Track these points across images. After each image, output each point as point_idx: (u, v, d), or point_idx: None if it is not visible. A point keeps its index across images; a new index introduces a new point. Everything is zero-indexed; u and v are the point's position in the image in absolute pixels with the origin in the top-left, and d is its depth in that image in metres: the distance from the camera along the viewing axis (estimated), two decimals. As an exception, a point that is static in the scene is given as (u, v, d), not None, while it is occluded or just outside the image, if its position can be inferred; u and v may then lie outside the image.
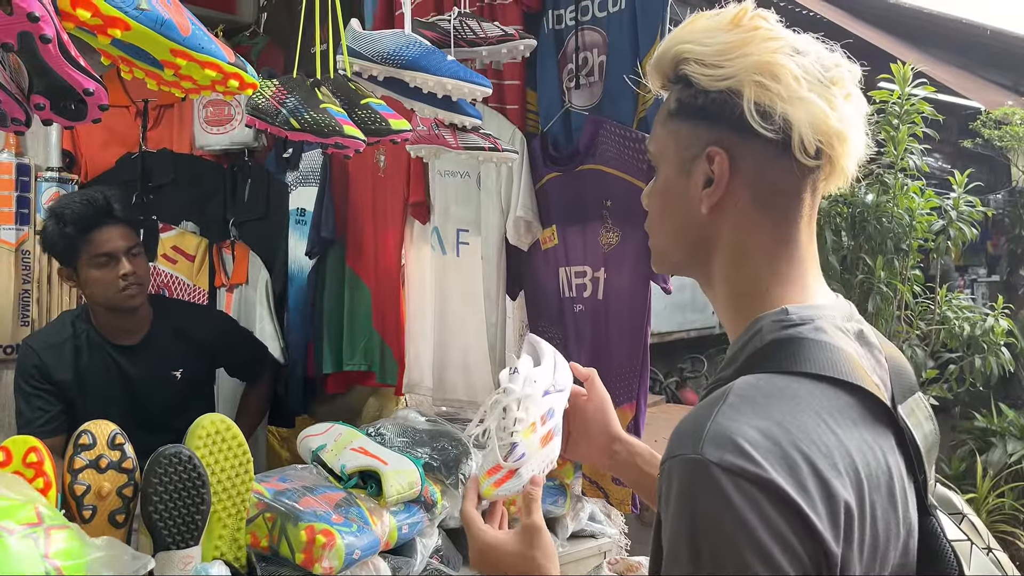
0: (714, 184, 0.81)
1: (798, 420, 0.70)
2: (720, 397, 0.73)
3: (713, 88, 0.79)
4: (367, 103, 1.57)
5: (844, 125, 0.79)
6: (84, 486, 1.32)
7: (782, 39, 0.80)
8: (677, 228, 0.86)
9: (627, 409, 1.84)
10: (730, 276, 0.84)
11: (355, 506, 1.55)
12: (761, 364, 0.76)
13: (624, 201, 1.85)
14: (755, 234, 0.82)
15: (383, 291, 2.43)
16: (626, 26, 1.85)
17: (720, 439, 0.68)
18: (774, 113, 0.77)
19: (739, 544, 0.65)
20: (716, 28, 0.80)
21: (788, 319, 0.78)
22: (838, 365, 0.75)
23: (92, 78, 1.25)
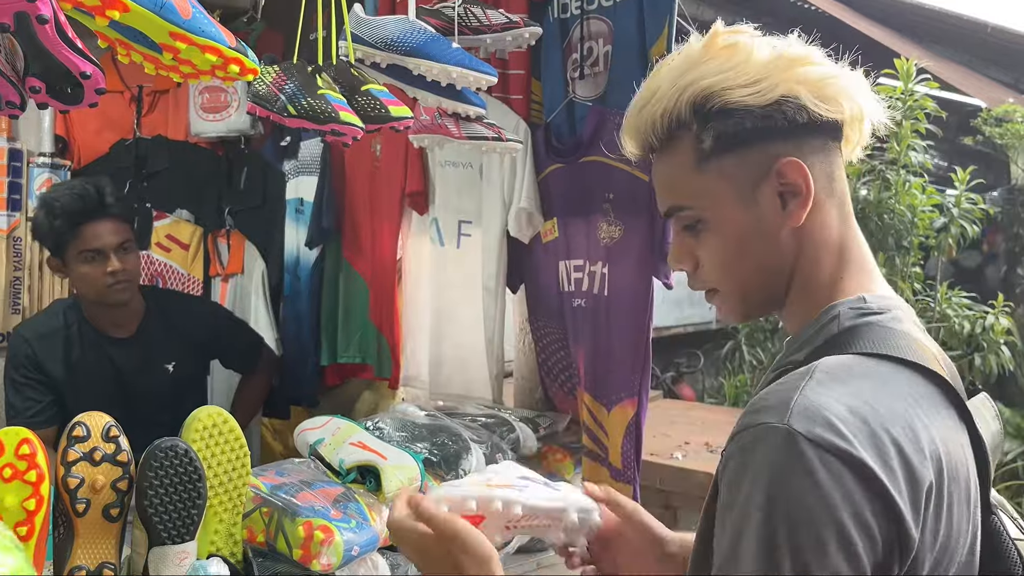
0: (802, 194, 0.81)
1: (886, 401, 0.70)
2: (805, 374, 0.73)
3: (763, 103, 0.79)
4: (367, 90, 1.54)
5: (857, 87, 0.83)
6: (78, 479, 1.29)
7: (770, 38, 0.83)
8: (760, 261, 0.84)
9: (628, 405, 1.82)
10: (809, 276, 0.83)
11: (354, 501, 1.52)
12: (841, 348, 0.76)
13: (627, 194, 1.82)
14: (828, 227, 0.83)
15: (380, 283, 2.40)
16: (633, 16, 1.82)
17: (809, 412, 0.68)
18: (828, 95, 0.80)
19: (819, 520, 0.65)
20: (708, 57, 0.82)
21: (866, 307, 0.79)
22: (918, 353, 0.76)
23: (90, 61, 1.21)
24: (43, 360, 2.04)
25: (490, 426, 1.87)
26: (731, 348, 5.06)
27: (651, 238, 1.77)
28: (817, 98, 0.79)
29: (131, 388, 2.10)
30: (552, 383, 2.13)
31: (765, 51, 0.81)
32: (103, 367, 2.09)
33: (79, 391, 2.05)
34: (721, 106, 0.80)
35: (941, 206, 3.78)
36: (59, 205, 1.96)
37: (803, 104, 0.79)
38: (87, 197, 1.98)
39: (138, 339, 2.13)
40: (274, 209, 2.72)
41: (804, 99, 0.79)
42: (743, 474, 0.69)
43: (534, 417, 1.99)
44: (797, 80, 0.79)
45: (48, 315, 2.16)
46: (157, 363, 2.14)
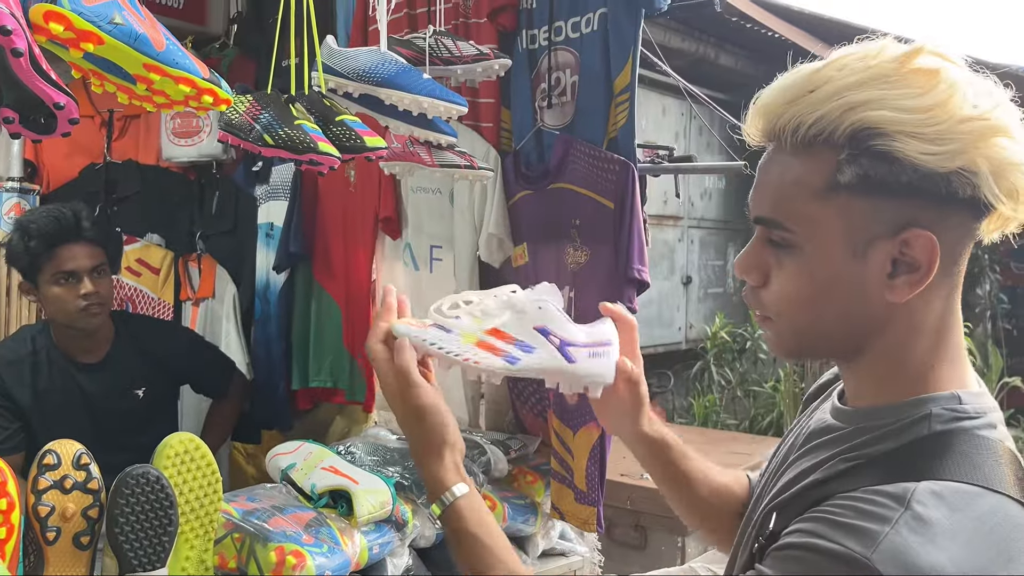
0: (920, 273, 0.71)
1: (988, 549, 0.64)
2: (899, 501, 0.65)
3: (940, 167, 0.68)
4: (342, 120, 1.57)
5: None
6: (48, 507, 1.29)
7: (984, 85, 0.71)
8: (837, 315, 0.75)
9: (593, 427, 1.85)
10: (895, 353, 0.75)
11: (326, 526, 1.54)
12: (933, 463, 0.69)
13: (592, 220, 1.86)
14: (931, 310, 0.74)
15: (354, 308, 2.42)
16: (598, 47, 1.86)
17: (902, 557, 0.62)
18: (1010, 183, 0.69)
19: None
20: (897, 77, 0.70)
21: (961, 410, 0.73)
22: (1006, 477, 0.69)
23: (63, 92, 1.23)
24: (10, 387, 2.03)
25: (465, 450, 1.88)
26: (700, 368, 5.13)
27: (615, 263, 1.81)
28: (996, 183, 0.69)
29: (100, 414, 2.10)
30: (522, 406, 2.15)
31: (967, 103, 0.69)
32: (71, 393, 2.08)
33: (47, 417, 2.04)
34: (887, 150, 0.69)
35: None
36: (35, 227, 1.97)
37: (977, 184, 0.69)
38: (63, 220, 1.99)
39: (107, 364, 2.12)
40: (245, 233, 2.73)
41: (981, 179, 0.68)
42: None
43: (505, 440, 2.01)
44: (986, 155, 0.68)
45: (15, 341, 2.15)
46: (127, 389, 2.14)
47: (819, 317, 0.76)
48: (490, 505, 1.83)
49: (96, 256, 2.03)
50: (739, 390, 4.93)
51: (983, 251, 6.10)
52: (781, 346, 0.81)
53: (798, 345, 0.80)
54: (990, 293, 6.07)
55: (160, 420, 2.19)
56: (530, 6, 2.00)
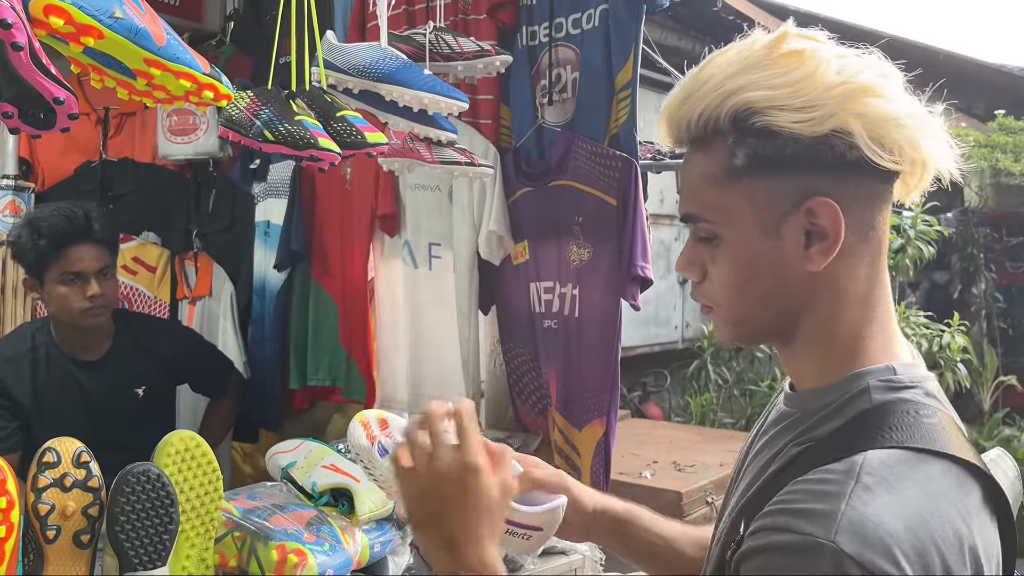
0: (829, 240, 0.74)
1: (934, 508, 0.65)
2: (849, 476, 0.66)
3: (811, 133, 0.71)
4: (343, 115, 1.56)
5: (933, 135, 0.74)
6: (48, 506, 1.28)
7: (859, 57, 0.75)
8: (768, 294, 0.78)
9: (597, 425, 1.85)
10: (826, 326, 0.77)
11: (327, 524, 1.52)
12: (877, 433, 0.70)
13: (595, 217, 1.85)
14: (855, 278, 0.76)
15: (350, 306, 2.41)
16: (599, 44, 1.86)
17: (859, 529, 0.63)
18: (888, 139, 0.72)
19: None
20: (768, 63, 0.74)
21: (897, 380, 0.74)
22: (951, 439, 0.71)
23: (63, 86, 1.22)
24: (9, 385, 2.01)
25: (461, 447, 1.88)
26: (697, 367, 5.12)
27: (619, 260, 1.81)
28: (874, 140, 0.71)
29: (99, 412, 2.08)
30: (523, 404, 2.15)
31: (831, 72, 0.72)
32: (70, 391, 2.07)
33: (45, 415, 2.02)
34: (764, 125, 0.72)
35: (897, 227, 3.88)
36: (45, 226, 1.96)
37: (855, 143, 0.71)
38: (74, 220, 1.98)
39: (107, 362, 2.11)
40: (242, 232, 2.72)
41: (857, 138, 0.71)
42: None
43: (505, 438, 2.01)
44: (857, 114, 0.71)
45: (15, 337, 2.14)
46: (126, 387, 2.12)
47: (750, 300, 0.79)
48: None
49: (103, 258, 2.02)
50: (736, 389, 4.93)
51: (979, 250, 6.13)
52: (725, 333, 0.84)
53: (738, 331, 0.83)
54: (985, 292, 6.09)
55: (158, 418, 2.17)
56: (530, 2, 2.00)
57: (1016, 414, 5.13)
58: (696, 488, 2.64)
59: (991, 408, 5.31)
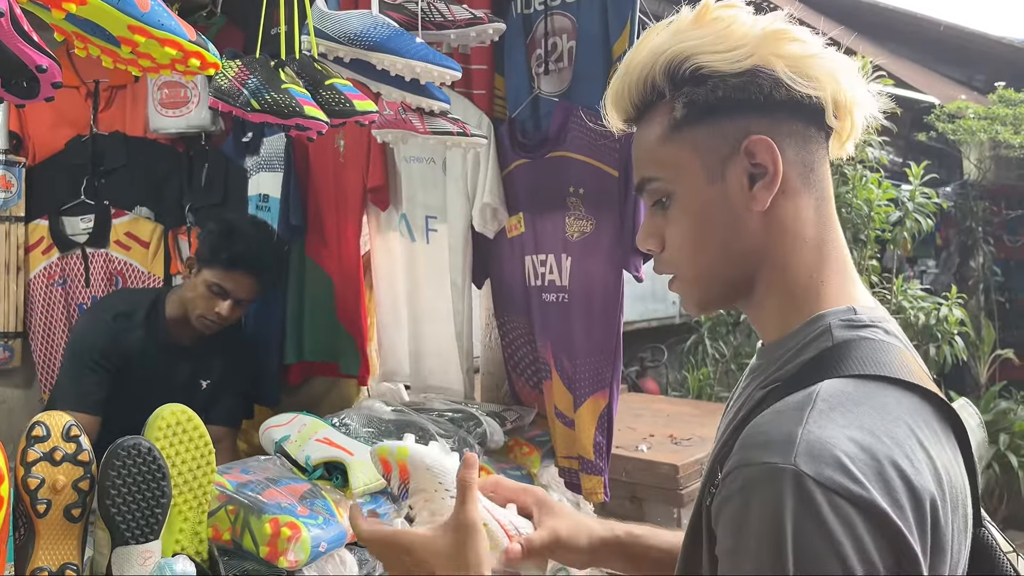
0: (769, 175, 0.76)
1: (891, 430, 0.67)
2: (806, 403, 0.68)
3: (736, 70, 0.76)
4: (331, 84, 1.53)
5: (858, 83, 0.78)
6: (38, 480, 1.27)
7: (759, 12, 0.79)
8: (722, 243, 0.79)
9: (600, 397, 1.84)
10: (782, 272, 0.79)
11: (320, 498, 1.52)
12: (835, 366, 0.72)
13: (596, 188, 1.83)
14: (804, 219, 0.78)
15: (346, 280, 2.39)
16: (596, 11, 1.83)
17: (816, 450, 0.64)
18: (807, 75, 0.75)
19: (826, 562, 0.62)
20: (694, 27, 0.78)
21: (857, 319, 0.75)
22: (915, 373, 0.73)
23: (45, 54, 1.19)
24: (123, 344, 2.08)
25: (457, 420, 1.87)
26: (694, 342, 5.12)
27: (621, 232, 1.78)
28: (794, 73, 0.75)
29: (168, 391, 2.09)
30: (518, 378, 2.14)
31: (750, 21, 0.77)
32: (157, 367, 2.13)
33: (130, 382, 2.09)
34: (694, 70, 0.77)
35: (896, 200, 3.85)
36: (241, 246, 2.06)
37: (779, 78, 0.75)
38: (262, 255, 2.11)
39: (192, 350, 2.19)
40: (235, 206, 2.69)
41: (780, 72, 0.75)
42: (747, 517, 0.66)
43: (501, 411, 2.00)
44: (775, 52, 0.75)
45: (133, 300, 2.21)
46: (195, 377, 2.19)
47: (707, 253, 0.80)
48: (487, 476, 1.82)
49: (252, 292, 2.11)
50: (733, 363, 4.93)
51: (977, 223, 6.10)
52: (691, 299, 0.85)
53: (700, 290, 0.83)
54: (983, 266, 6.07)
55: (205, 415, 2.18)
56: (524, -30, 1.96)
57: (1013, 387, 5.13)
58: (692, 461, 2.64)
59: (988, 381, 5.31)
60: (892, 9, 6.61)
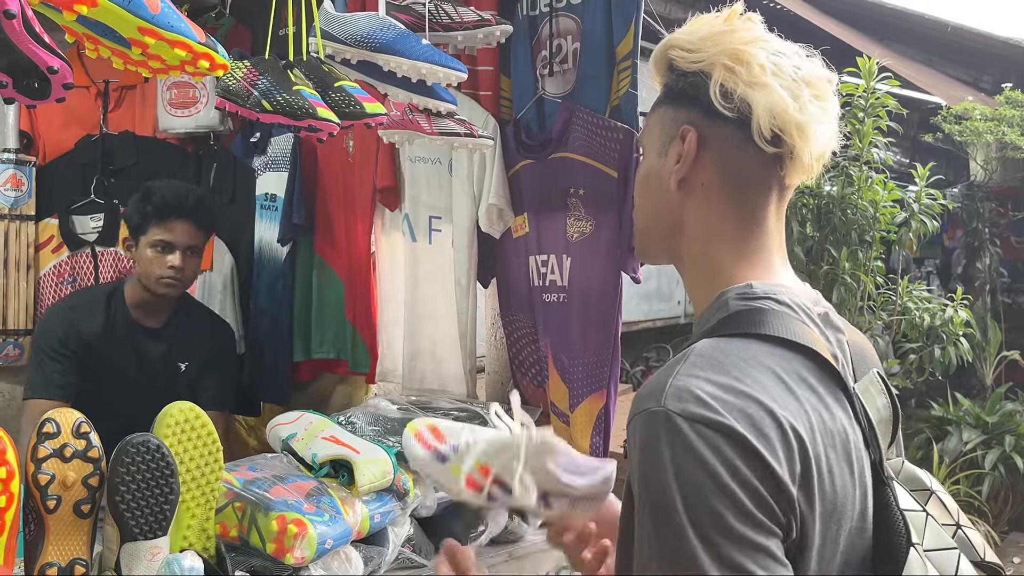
0: (681, 159, 0.86)
1: (754, 376, 0.73)
2: (680, 359, 0.76)
3: (688, 70, 0.85)
4: (341, 86, 1.55)
5: (806, 118, 0.82)
6: (48, 476, 1.28)
7: (760, 36, 0.85)
8: (654, 208, 0.91)
9: (597, 398, 1.85)
10: (697, 257, 0.88)
11: (327, 495, 1.53)
12: (722, 332, 0.79)
13: (596, 190, 1.84)
14: (721, 217, 0.86)
15: (354, 279, 2.41)
16: (600, 13, 1.84)
17: (680, 393, 0.72)
18: (735, 95, 0.82)
19: (705, 486, 0.68)
20: (706, 23, 0.87)
21: (751, 292, 0.82)
22: (794, 332, 0.78)
23: (57, 55, 1.21)
24: (83, 331, 2.11)
25: (463, 419, 1.88)
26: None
27: (619, 233, 1.79)
28: (723, 92, 0.82)
29: (147, 375, 2.17)
30: (523, 377, 2.15)
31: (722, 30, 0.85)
32: (128, 351, 2.16)
33: (103, 369, 2.12)
34: (669, 59, 0.88)
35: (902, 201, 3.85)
36: (158, 196, 2.12)
37: (708, 84, 0.83)
38: (184, 197, 2.15)
39: (164, 332, 2.21)
40: (243, 205, 2.71)
41: (712, 82, 0.82)
42: (636, 461, 0.73)
43: (506, 410, 2.00)
44: (723, 65, 0.82)
45: (88, 294, 2.27)
46: (173, 360, 2.21)
47: (644, 208, 0.92)
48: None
49: (195, 237, 2.15)
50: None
51: (983, 225, 6.09)
52: (636, 244, 0.97)
53: (640, 239, 0.95)
54: (989, 267, 6.05)
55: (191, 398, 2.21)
56: (531, -28, 1.97)
57: (1019, 389, 5.11)
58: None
59: (994, 383, 5.30)
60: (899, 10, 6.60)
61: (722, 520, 0.68)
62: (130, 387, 2.12)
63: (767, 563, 0.68)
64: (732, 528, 0.68)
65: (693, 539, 0.68)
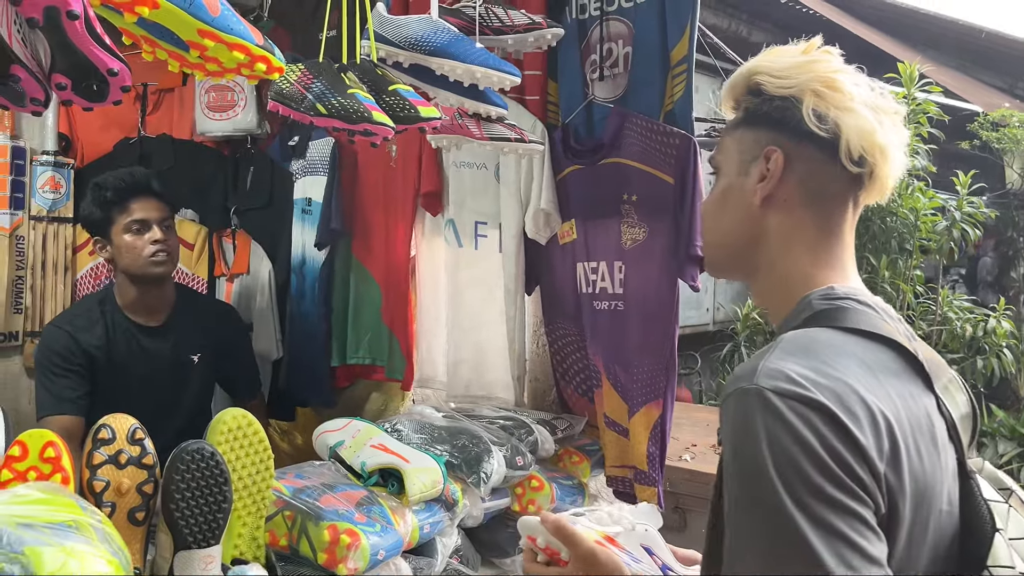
0: (768, 178, 0.91)
1: (841, 361, 0.78)
2: (769, 347, 0.81)
3: (778, 94, 0.91)
4: (395, 89, 1.53)
5: (888, 142, 0.89)
6: (103, 482, 1.27)
7: (842, 65, 0.92)
8: (733, 223, 0.95)
9: (653, 407, 1.81)
10: (775, 265, 0.93)
11: (377, 505, 1.51)
12: (804, 325, 0.85)
13: (650, 196, 1.81)
14: (801, 228, 0.92)
15: (393, 284, 2.38)
16: (654, 17, 1.81)
17: (772, 372, 0.76)
18: (827, 118, 0.88)
19: (798, 457, 0.71)
20: (788, 53, 0.94)
21: (834, 293, 0.88)
22: (878, 327, 0.83)
23: (117, 58, 1.20)
24: (84, 343, 2.06)
25: (508, 428, 1.85)
26: (730, 350, 5.07)
27: (676, 240, 1.76)
28: (813, 111, 0.88)
29: (161, 374, 2.13)
30: (567, 385, 2.12)
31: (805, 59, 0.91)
32: (135, 354, 2.11)
33: (114, 374, 2.08)
34: (756, 84, 0.93)
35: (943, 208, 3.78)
36: (111, 181, 2.09)
37: (802, 109, 0.88)
38: (135, 176, 2.12)
39: (167, 329, 2.16)
40: (281, 209, 2.70)
41: (805, 106, 0.88)
42: (730, 436, 0.77)
43: (551, 419, 1.98)
44: (813, 91, 0.89)
45: (81, 307, 2.20)
46: (184, 352, 2.17)
47: (720, 223, 0.97)
48: (537, 485, 1.80)
49: (164, 210, 2.12)
50: (768, 372, 4.84)
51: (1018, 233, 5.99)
52: (705, 259, 1.03)
53: (711, 253, 1.01)
54: None
55: (204, 394, 2.19)
56: (580, -26, 1.94)
57: (1056, 400, 5.02)
58: (738, 472, 2.61)
59: (1030, 394, 5.20)
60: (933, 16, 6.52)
61: (813, 483, 0.70)
62: (145, 389, 2.07)
63: (861, 529, 0.70)
64: (823, 489, 0.70)
65: (787, 502, 0.70)
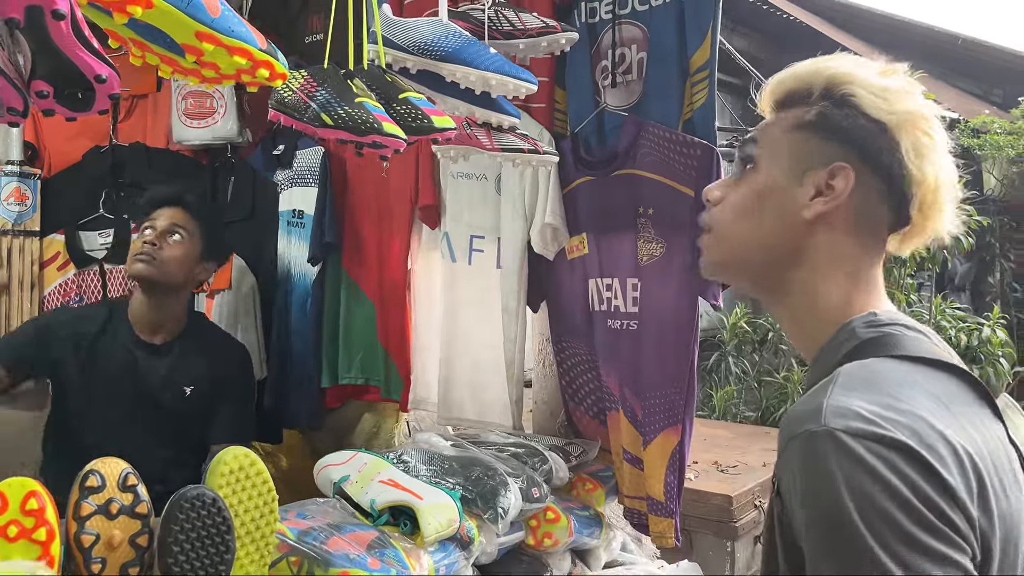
0: (831, 195, 0.85)
1: (909, 394, 0.72)
2: (829, 382, 0.74)
3: (874, 116, 0.84)
4: (405, 98, 1.41)
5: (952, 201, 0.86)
6: (92, 536, 1.14)
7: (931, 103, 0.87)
8: (770, 233, 0.88)
9: (671, 434, 1.71)
10: (813, 286, 0.86)
11: (391, 547, 1.39)
12: (858, 355, 0.79)
13: (668, 209, 1.71)
14: (849, 249, 0.86)
15: (388, 301, 2.26)
16: (672, 22, 1.72)
17: (841, 411, 0.70)
18: (922, 161, 0.84)
19: (885, 503, 0.65)
20: (872, 69, 0.87)
21: (878, 320, 0.82)
22: (935, 353, 0.78)
23: (105, 62, 1.08)
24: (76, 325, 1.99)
25: (521, 456, 1.74)
26: (717, 360, 5.00)
27: (695, 255, 1.66)
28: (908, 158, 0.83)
29: (146, 398, 1.98)
30: (576, 407, 2.01)
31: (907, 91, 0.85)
32: (127, 369, 1.98)
33: (94, 385, 1.96)
34: (845, 94, 0.86)
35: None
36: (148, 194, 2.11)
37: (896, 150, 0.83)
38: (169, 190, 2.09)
39: (167, 351, 2.03)
40: (264, 221, 2.56)
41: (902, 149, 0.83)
42: (798, 484, 0.70)
43: (563, 445, 1.87)
44: (906, 130, 0.84)
45: (94, 307, 2.17)
46: (177, 381, 2.01)
47: (746, 222, 0.89)
48: (553, 517, 1.70)
49: (179, 219, 2.02)
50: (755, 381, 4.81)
51: (996, 239, 6.03)
52: (711, 255, 0.93)
53: (722, 252, 0.92)
54: (1002, 281, 5.99)
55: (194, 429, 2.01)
56: (590, -24, 1.85)
57: (1036, 405, 5.03)
58: (745, 491, 2.53)
59: (1010, 399, 5.22)
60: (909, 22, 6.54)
61: (905, 531, 0.65)
62: (128, 408, 1.95)
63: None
64: (917, 538, 0.65)
65: (880, 554, 0.64)
